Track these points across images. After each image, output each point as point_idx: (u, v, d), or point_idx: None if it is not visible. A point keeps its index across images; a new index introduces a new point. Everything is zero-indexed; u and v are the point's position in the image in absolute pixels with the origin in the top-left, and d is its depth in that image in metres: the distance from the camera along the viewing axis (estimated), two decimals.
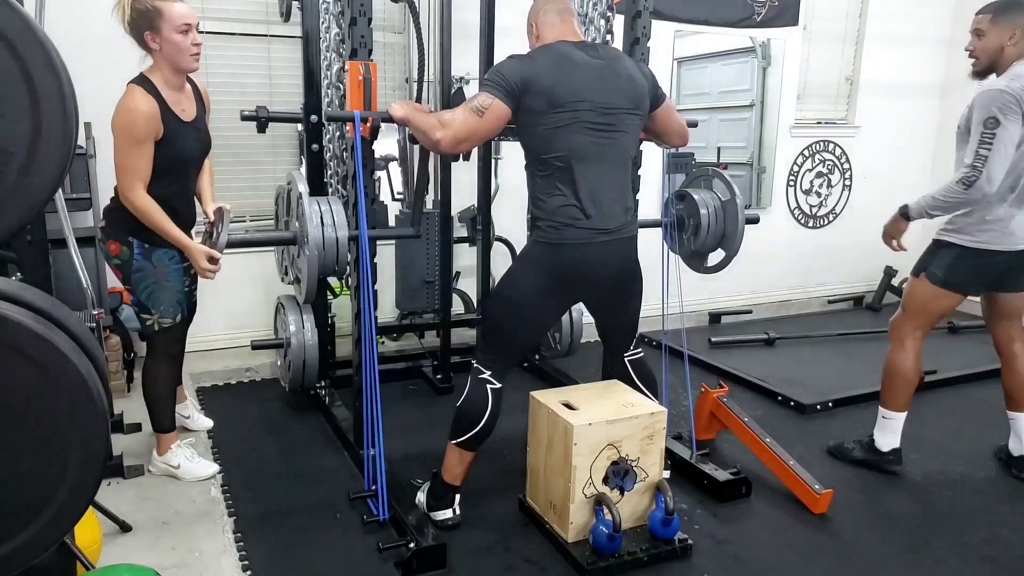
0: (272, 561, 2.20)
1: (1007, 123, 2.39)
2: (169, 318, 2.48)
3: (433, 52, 3.51)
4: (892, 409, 2.80)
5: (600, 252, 2.21)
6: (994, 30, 2.49)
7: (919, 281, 2.72)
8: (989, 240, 2.57)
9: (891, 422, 2.81)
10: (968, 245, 2.60)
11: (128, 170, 2.26)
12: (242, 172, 3.78)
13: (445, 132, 2.08)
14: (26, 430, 1.16)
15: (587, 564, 2.16)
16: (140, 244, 2.39)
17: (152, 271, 2.41)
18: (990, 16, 2.51)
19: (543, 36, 2.25)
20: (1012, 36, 2.47)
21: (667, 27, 4.36)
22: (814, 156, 5.18)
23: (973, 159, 2.44)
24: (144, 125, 2.25)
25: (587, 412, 2.25)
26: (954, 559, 2.31)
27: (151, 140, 2.28)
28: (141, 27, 2.26)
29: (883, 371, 2.82)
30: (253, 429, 3.11)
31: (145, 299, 2.44)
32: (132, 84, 2.30)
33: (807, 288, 5.37)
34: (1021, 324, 2.81)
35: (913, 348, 2.74)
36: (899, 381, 2.76)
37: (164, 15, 2.24)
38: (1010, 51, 2.49)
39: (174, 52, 2.29)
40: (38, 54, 1.11)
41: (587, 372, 3.42)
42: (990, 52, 2.52)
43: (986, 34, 2.51)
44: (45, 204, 1.22)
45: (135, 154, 2.25)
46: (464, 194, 3.75)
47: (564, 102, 2.11)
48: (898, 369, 2.76)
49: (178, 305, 2.50)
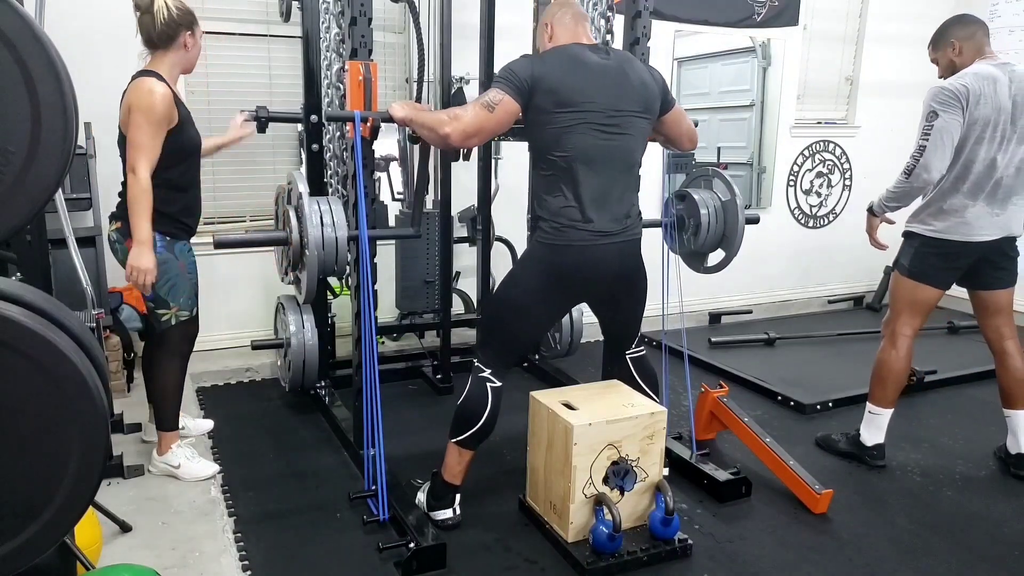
0: (272, 561, 2.20)
1: (944, 115, 2.57)
2: (187, 311, 2.53)
3: (433, 52, 3.51)
4: (879, 405, 2.86)
5: (601, 254, 2.21)
6: (940, 55, 2.77)
7: (895, 275, 2.87)
8: (945, 229, 2.68)
9: (877, 418, 2.87)
10: (927, 234, 2.72)
11: (144, 147, 2.29)
12: (242, 172, 3.78)
13: (455, 125, 2.08)
14: (26, 430, 1.16)
15: (587, 564, 2.16)
16: (162, 237, 2.42)
17: (175, 263, 2.46)
18: (931, 48, 2.80)
19: (556, 37, 2.26)
20: (954, 49, 2.71)
21: (667, 27, 4.36)
22: (814, 156, 5.18)
23: (914, 150, 2.63)
24: (163, 106, 2.31)
25: (587, 412, 2.25)
26: (954, 559, 2.31)
27: (165, 125, 2.33)
28: (182, 27, 2.39)
29: (873, 367, 2.88)
30: (253, 429, 3.11)
31: (166, 293, 2.46)
32: (142, 75, 2.36)
33: (807, 288, 5.37)
34: (1011, 320, 2.85)
35: (903, 346, 2.80)
36: (887, 377, 2.83)
37: (196, 20, 2.44)
38: (961, 60, 2.71)
39: (196, 54, 2.47)
40: (38, 54, 1.11)
41: (587, 372, 3.42)
42: (949, 70, 2.74)
43: (938, 61, 2.78)
44: (45, 204, 1.22)
45: (152, 133, 2.30)
46: (464, 194, 3.75)
47: (572, 102, 2.12)
48: (887, 365, 2.83)
49: (195, 297, 2.56)
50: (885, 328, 2.88)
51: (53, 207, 2.54)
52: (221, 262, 3.54)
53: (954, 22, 2.74)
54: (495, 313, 2.41)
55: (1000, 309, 2.83)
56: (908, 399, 3.57)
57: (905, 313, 2.80)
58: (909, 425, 3.29)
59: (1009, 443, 2.87)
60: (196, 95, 3.58)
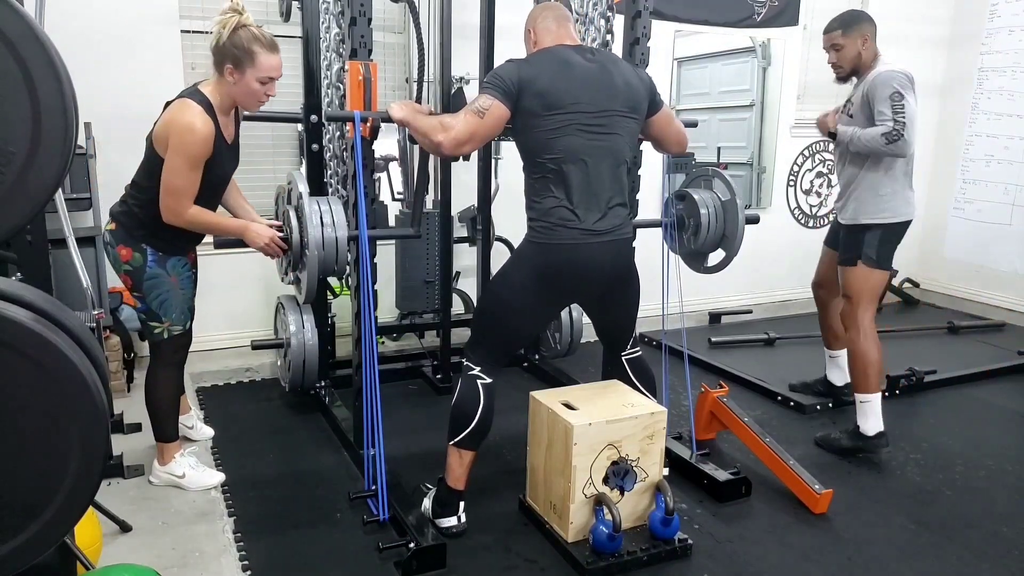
0: (272, 561, 2.20)
1: (909, 99, 2.74)
2: (180, 325, 2.47)
3: (433, 52, 3.51)
4: (868, 392, 2.92)
5: (591, 253, 2.21)
6: (847, 41, 2.89)
7: (856, 269, 2.96)
8: (905, 213, 2.92)
9: (870, 405, 2.93)
10: (889, 222, 2.90)
11: (182, 192, 2.23)
12: (242, 172, 3.75)
13: (447, 135, 2.09)
14: (26, 430, 1.16)
15: (587, 564, 2.16)
16: (154, 252, 2.36)
17: (167, 279, 2.40)
18: (840, 31, 2.90)
19: (540, 41, 2.26)
20: (864, 42, 2.88)
21: (667, 27, 4.36)
22: (814, 156, 5.18)
23: (894, 123, 2.73)
24: (203, 148, 2.22)
25: (587, 412, 2.25)
26: (954, 559, 2.31)
27: (203, 162, 2.25)
28: (227, 58, 2.23)
29: (850, 361, 3.01)
30: (253, 429, 3.11)
31: (157, 307, 2.41)
32: (189, 100, 2.24)
33: (807, 288, 5.31)
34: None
35: (872, 332, 2.94)
36: (869, 366, 2.92)
37: (256, 63, 2.24)
38: (866, 55, 2.89)
39: (244, 94, 2.29)
40: (38, 54, 1.11)
41: (587, 372, 3.42)
42: (850, 59, 2.91)
43: (844, 47, 2.90)
44: (45, 204, 1.22)
45: (192, 176, 2.23)
46: (464, 194, 3.75)
47: (560, 104, 2.12)
48: (866, 356, 2.93)
49: (188, 312, 2.50)
50: (846, 319, 3.02)
51: (53, 207, 2.54)
52: (221, 262, 3.53)
53: (868, 17, 2.95)
54: (486, 312, 2.40)
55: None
56: (908, 399, 3.58)
57: (870, 302, 2.95)
58: (909, 425, 3.29)
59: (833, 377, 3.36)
60: None
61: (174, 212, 2.25)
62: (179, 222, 2.26)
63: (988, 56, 5.07)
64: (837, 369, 3.38)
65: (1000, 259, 5.08)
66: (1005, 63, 4.97)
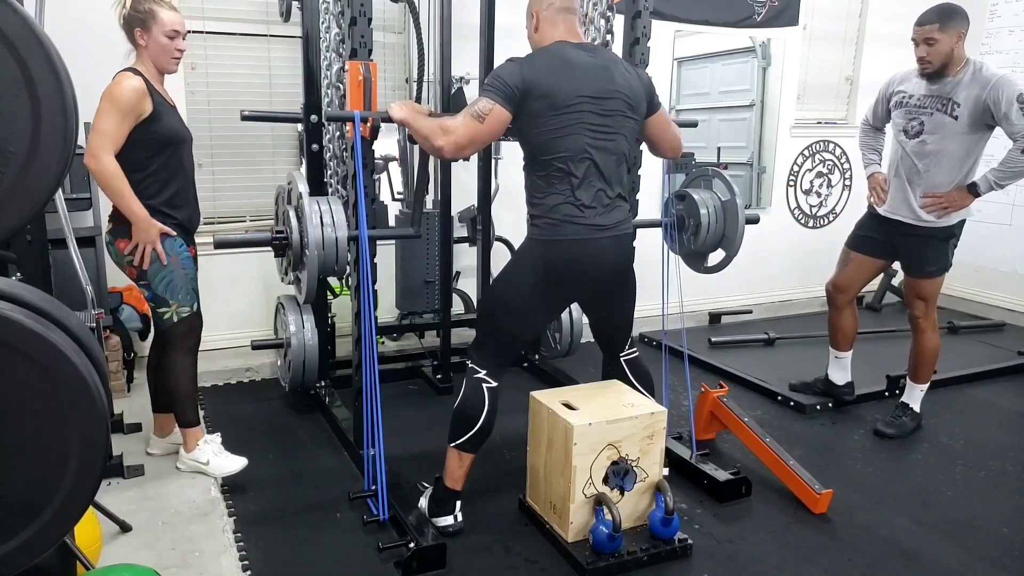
0: (272, 561, 2.20)
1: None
2: (187, 306, 2.53)
3: (433, 52, 3.51)
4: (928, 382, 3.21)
5: (595, 248, 2.20)
6: (944, 36, 2.79)
7: (932, 280, 3.06)
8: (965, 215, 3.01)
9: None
10: (954, 224, 2.99)
11: (105, 133, 2.30)
12: (242, 172, 3.78)
13: (447, 139, 2.08)
14: (26, 430, 1.16)
15: (587, 564, 2.16)
16: None
17: (168, 259, 2.46)
18: (937, 25, 2.80)
19: (542, 30, 2.24)
20: (959, 39, 2.81)
21: (667, 27, 4.36)
22: (814, 156, 5.18)
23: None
24: (131, 95, 2.32)
25: (587, 412, 2.25)
26: (954, 559, 2.31)
27: (133, 116, 2.35)
28: (134, 24, 2.40)
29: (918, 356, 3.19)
30: (253, 429, 3.11)
31: (163, 291, 2.48)
32: (121, 71, 2.41)
33: (807, 288, 5.36)
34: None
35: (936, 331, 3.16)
36: (936, 359, 3.18)
37: (157, 18, 2.40)
38: (959, 52, 2.83)
39: (158, 52, 2.43)
40: (38, 54, 1.11)
41: (587, 372, 3.42)
42: (942, 56, 2.83)
43: (938, 41, 2.80)
44: (45, 204, 1.22)
45: (115, 121, 2.31)
46: (464, 194, 3.75)
47: (565, 104, 2.11)
48: (935, 349, 3.16)
49: (194, 293, 2.57)
50: (925, 321, 3.11)
51: (53, 207, 2.54)
52: (221, 262, 3.53)
53: (964, 13, 2.84)
54: (489, 313, 2.39)
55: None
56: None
57: (935, 304, 3.13)
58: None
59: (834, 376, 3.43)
60: (196, 95, 3.58)
61: (94, 155, 2.30)
62: (96, 166, 2.31)
63: (988, 56, 5.06)
64: (839, 369, 3.41)
65: (1000, 259, 5.08)
66: (1005, 63, 4.96)
